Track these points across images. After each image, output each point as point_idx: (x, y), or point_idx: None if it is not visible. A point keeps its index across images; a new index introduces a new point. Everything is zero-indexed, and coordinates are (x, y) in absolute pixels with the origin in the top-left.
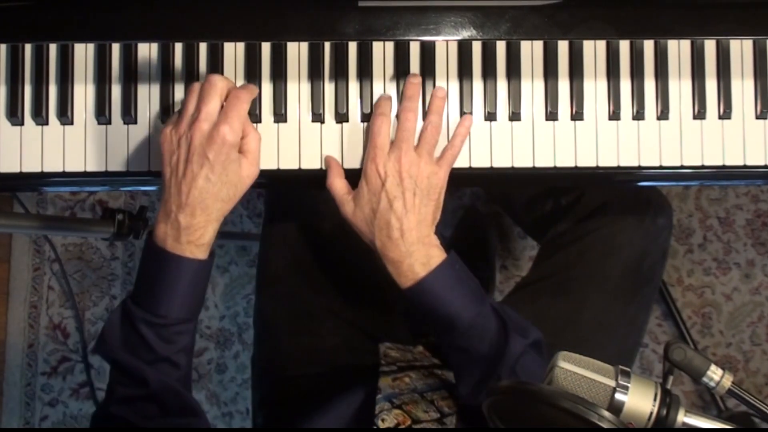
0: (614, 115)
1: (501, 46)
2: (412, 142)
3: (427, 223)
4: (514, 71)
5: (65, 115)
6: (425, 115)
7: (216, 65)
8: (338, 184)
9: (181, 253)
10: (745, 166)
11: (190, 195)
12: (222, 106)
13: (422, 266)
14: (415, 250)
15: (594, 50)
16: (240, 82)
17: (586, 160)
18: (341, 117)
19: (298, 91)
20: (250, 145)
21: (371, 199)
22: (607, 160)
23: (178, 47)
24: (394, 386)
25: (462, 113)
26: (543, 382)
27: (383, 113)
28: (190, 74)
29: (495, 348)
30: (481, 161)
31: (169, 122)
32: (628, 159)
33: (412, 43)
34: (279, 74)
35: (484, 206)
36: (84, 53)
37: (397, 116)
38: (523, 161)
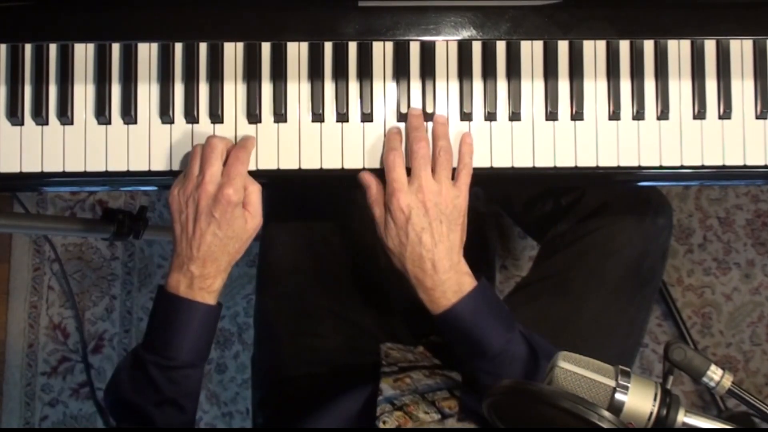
0: (614, 115)
1: (501, 46)
2: (429, 170)
3: (456, 250)
4: (514, 71)
5: (65, 115)
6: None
7: (216, 65)
8: (377, 211)
9: (193, 297)
10: (745, 166)
11: (200, 249)
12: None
13: (454, 294)
14: (447, 278)
15: (594, 50)
16: (240, 82)
17: (586, 160)
18: (341, 117)
19: (298, 91)
20: (251, 197)
21: (398, 232)
22: (607, 160)
23: (178, 47)
24: (395, 387)
25: (462, 113)
26: (543, 382)
27: (394, 148)
28: (190, 74)
29: (524, 374)
30: (481, 161)
31: (176, 183)
32: (628, 159)
33: (412, 43)
34: (279, 74)
35: (484, 206)
36: (84, 53)
37: (408, 147)
38: (523, 161)
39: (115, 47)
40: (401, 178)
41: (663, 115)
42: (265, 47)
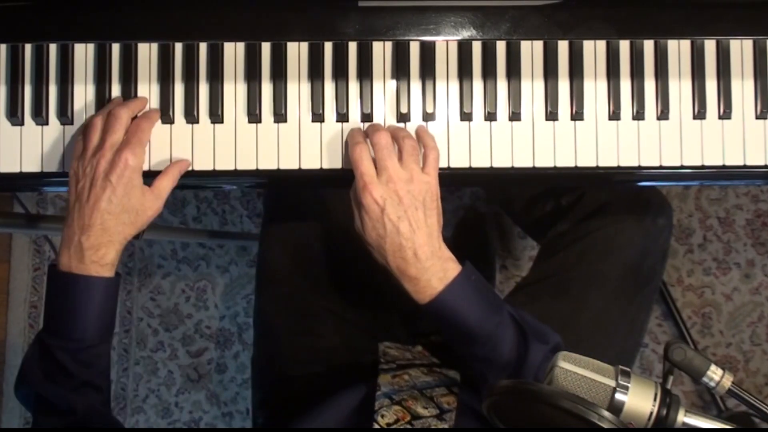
0: (614, 115)
1: (501, 46)
2: (396, 159)
3: (435, 234)
4: (514, 71)
5: (65, 115)
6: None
7: (216, 65)
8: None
9: (87, 272)
10: (745, 166)
11: (92, 217)
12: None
13: (439, 280)
14: (431, 265)
15: (594, 50)
16: (240, 82)
17: (586, 160)
18: (341, 117)
19: (298, 91)
20: (161, 182)
21: (375, 226)
22: (607, 160)
23: (178, 47)
24: (393, 383)
25: (462, 113)
26: (543, 382)
27: (358, 141)
28: (190, 74)
29: (516, 356)
30: (481, 161)
31: (75, 159)
32: (628, 159)
33: (412, 43)
34: (279, 74)
35: (484, 206)
36: (84, 53)
37: (370, 141)
38: (523, 161)
39: (115, 47)
40: (370, 171)
41: (663, 115)
42: (265, 47)
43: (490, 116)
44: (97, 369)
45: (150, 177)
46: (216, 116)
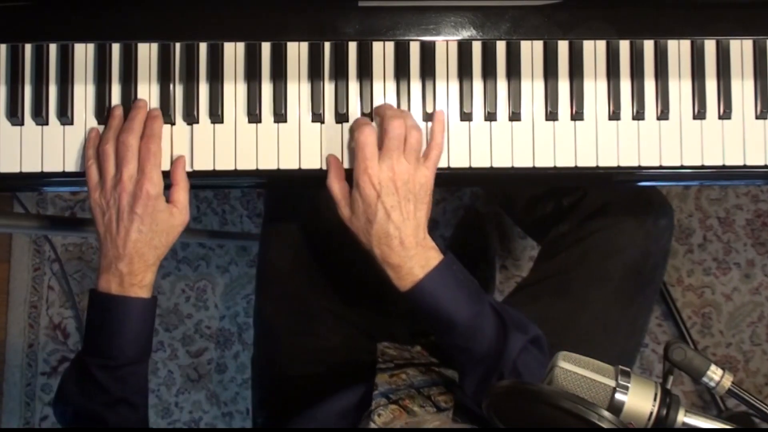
0: (614, 115)
1: (501, 46)
2: (402, 150)
3: (422, 227)
4: (514, 71)
5: (65, 115)
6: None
7: (216, 65)
8: (336, 187)
9: (127, 294)
10: (745, 166)
11: (126, 247)
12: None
13: (421, 268)
14: (415, 254)
15: (594, 50)
16: (240, 82)
17: (586, 160)
18: (341, 117)
19: (298, 91)
20: (178, 195)
21: (366, 210)
22: (607, 160)
23: (178, 47)
24: (390, 382)
25: (462, 113)
26: (543, 382)
27: (366, 123)
28: (190, 74)
29: (495, 346)
30: (481, 161)
31: (94, 189)
32: (628, 159)
33: (412, 43)
34: (279, 74)
35: (484, 206)
36: (84, 53)
37: (384, 125)
38: (523, 161)
39: (115, 47)
40: (373, 156)
41: (663, 115)
42: (265, 47)
43: (490, 116)
44: (134, 387)
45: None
46: (216, 116)
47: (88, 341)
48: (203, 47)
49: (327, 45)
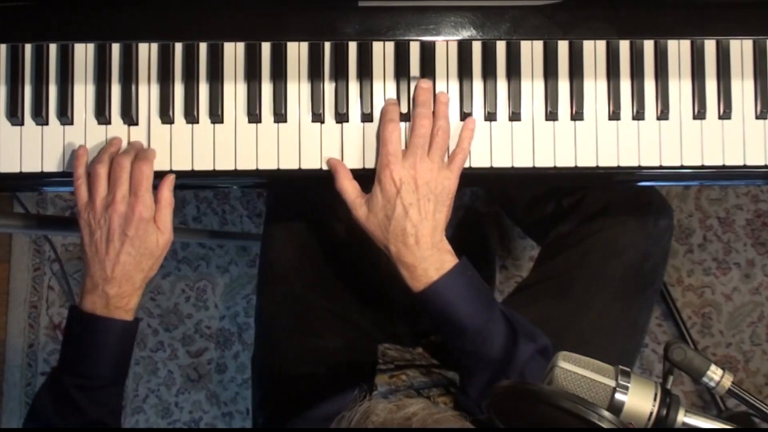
0: (614, 115)
1: (501, 46)
2: (426, 149)
3: (440, 229)
4: (514, 71)
5: (65, 115)
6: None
7: (216, 65)
8: (349, 187)
9: (110, 315)
10: (745, 166)
11: (114, 270)
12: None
13: (436, 271)
14: (430, 255)
15: (594, 50)
16: (240, 82)
17: (586, 160)
18: (341, 117)
19: (298, 91)
20: (162, 213)
21: (386, 205)
22: (607, 160)
23: (178, 47)
24: (390, 383)
25: (462, 113)
26: (543, 382)
27: (393, 119)
28: (190, 74)
29: (504, 352)
30: (481, 161)
31: (84, 208)
32: (628, 159)
33: (412, 43)
34: (279, 74)
35: (484, 206)
36: (84, 53)
37: (410, 121)
38: (523, 161)
39: (115, 47)
40: (396, 152)
41: (663, 115)
42: (265, 47)
43: (490, 116)
44: (108, 409)
45: (153, 178)
46: (216, 116)
47: (66, 358)
48: (203, 47)
49: (327, 45)
